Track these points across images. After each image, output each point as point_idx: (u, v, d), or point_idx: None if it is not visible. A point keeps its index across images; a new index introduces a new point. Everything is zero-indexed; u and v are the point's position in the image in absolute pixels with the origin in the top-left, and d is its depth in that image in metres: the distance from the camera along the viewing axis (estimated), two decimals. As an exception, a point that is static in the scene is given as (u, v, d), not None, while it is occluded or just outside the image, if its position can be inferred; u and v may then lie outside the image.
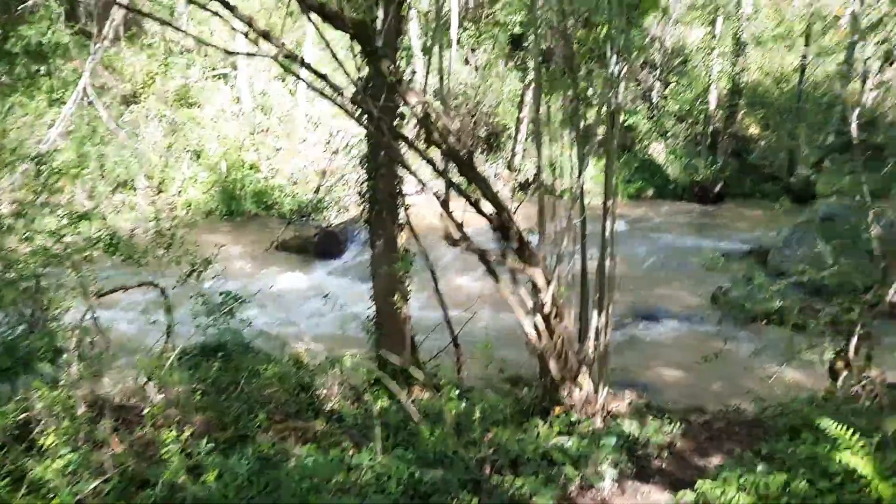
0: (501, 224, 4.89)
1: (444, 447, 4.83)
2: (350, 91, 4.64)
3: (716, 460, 5.37)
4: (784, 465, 4.71)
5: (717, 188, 21.99)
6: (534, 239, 5.43)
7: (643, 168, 23.18)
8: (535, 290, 5.28)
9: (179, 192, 17.77)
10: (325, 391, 6.22)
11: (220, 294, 6.04)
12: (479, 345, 6.68)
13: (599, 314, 5.74)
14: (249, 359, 6.54)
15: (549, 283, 5.18)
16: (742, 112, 23.75)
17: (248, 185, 18.20)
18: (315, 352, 6.93)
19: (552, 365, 5.62)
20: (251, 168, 18.72)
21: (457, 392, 6.03)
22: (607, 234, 5.71)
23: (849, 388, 7.90)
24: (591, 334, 5.73)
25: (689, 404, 8.73)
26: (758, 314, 11.41)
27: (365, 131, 6.74)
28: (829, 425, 4.92)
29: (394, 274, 6.18)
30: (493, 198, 4.75)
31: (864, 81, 24.59)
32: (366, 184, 6.68)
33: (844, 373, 8.05)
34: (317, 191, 18.63)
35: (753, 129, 25.23)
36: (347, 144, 19.34)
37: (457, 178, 5.23)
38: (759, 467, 4.45)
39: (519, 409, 6.01)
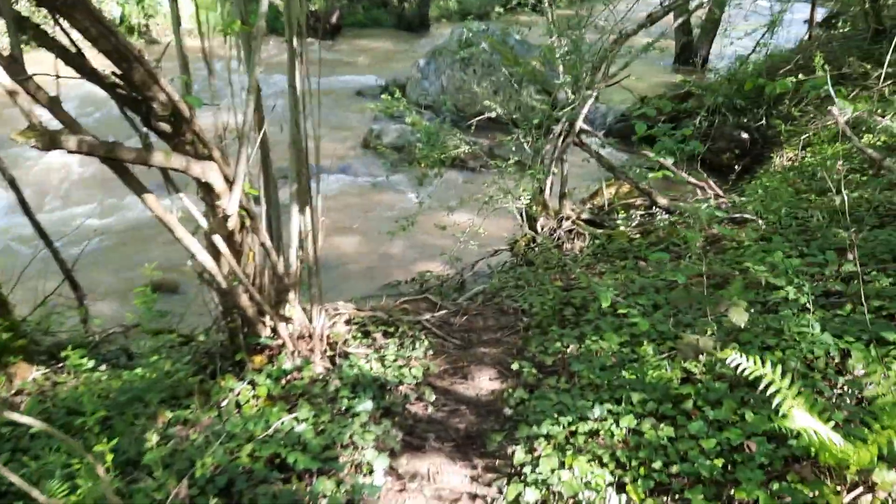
0: (137, 90, 2.64)
1: (95, 492, 2.71)
2: None
3: (487, 383, 4.02)
4: (614, 398, 3.45)
5: (334, 19, 20.26)
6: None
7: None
8: (208, 194, 3.17)
9: None
10: None
11: None
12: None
13: (302, 210, 3.84)
14: None
15: (232, 182, 3.12)
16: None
17: None
18: None
19: (244, 298, 3.66)
20: None
21: (90, 363, 3.78)
22: (297, 88, 3.71)
23: (549, 233, 7.17)
24: (294, 241, 3.84)
25: (388, 282, 7.42)
26: (417, 158, 10.35)
27: None
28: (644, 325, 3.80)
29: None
30: (118, 42, 2.46)
31: None
32: None
33: (542, 216, 7.29)
34: None
35: (358, -48, 23.63)
36: None
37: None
38: (626, 420, 3.12)
39: (200, 368, 4.00)
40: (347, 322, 4.54)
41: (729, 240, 5.64)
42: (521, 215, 7.24)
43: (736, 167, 9.73)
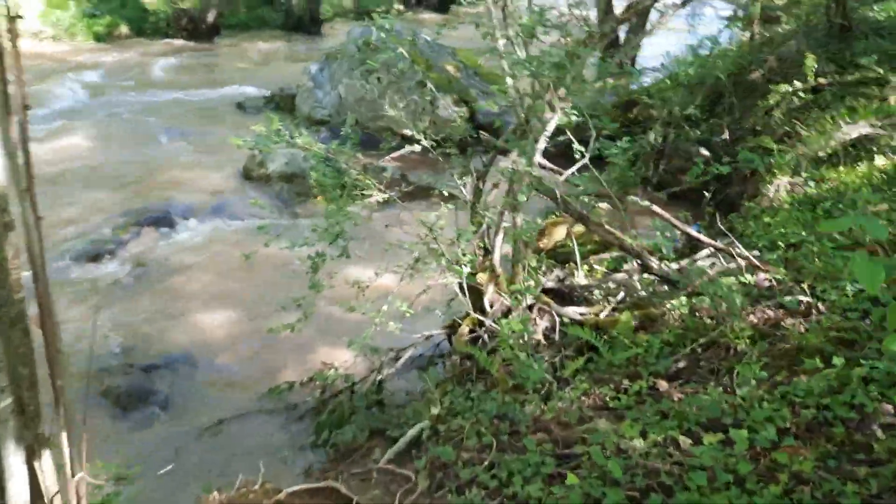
0: None
1: None
2: None
3: None
4: None
5: (211, 18, 17.65)
6: None
7: (109, -4, 17.65)
8: None
9: None
10: None
11: None
12: None
13: (37, 456, 1.63)
14: None
15: None
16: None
17: None
18: None
19: None
20: None
21: None
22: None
23: (502, 314, 5.09)
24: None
25: (273, 385, 5.18)
26: (313, 188, 8.03)
27: None
28: None
29: None
30: None
31: None
32: None
33: (491, 287, 5.20)
34: None
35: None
36: None
37: None
38: None
39: None
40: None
41: (790, 344, 3.70)
42: (462, 288, 5.12)
43: (705, 193, 7.86)
